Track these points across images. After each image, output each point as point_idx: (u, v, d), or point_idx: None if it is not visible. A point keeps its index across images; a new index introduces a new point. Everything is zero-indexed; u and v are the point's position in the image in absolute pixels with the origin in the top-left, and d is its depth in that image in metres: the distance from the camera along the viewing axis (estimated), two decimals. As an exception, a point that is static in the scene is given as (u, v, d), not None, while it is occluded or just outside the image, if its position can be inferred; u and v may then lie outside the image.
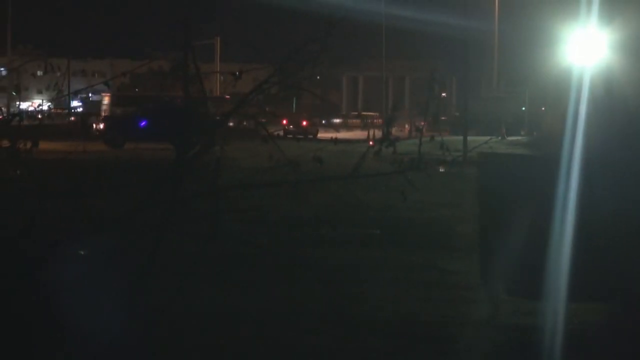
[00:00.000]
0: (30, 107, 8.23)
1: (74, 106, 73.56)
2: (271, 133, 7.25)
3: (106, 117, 52.02)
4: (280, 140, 7.31)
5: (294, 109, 77.74)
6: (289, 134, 56.34)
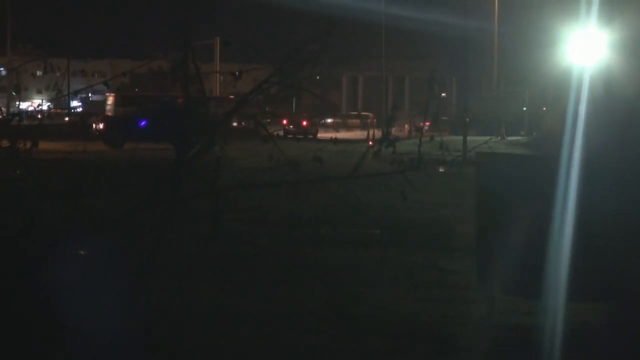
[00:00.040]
0: (30, 107, 8.23)
1: (74, 106, 73.55)
2: (271, 133, 7.25)
3: (106, 117, 52.01)
4: (280, 140, 7.31)
5: (294, 109, 77.73)
6: (289, 134, 56.38)
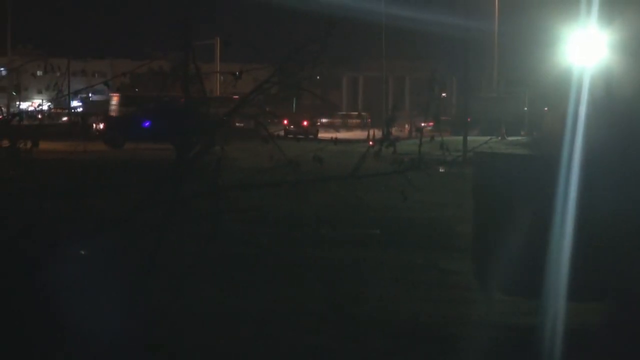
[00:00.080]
0: (30, 107, 8.23)
1: (74, 106, 73.57)
2: (271, 133, 7.25)
3: (106, 117, 52.00)
4: (281, 141, 7.31)
5: (294, 109, 77.72)
6: (290, 134, 56.38)
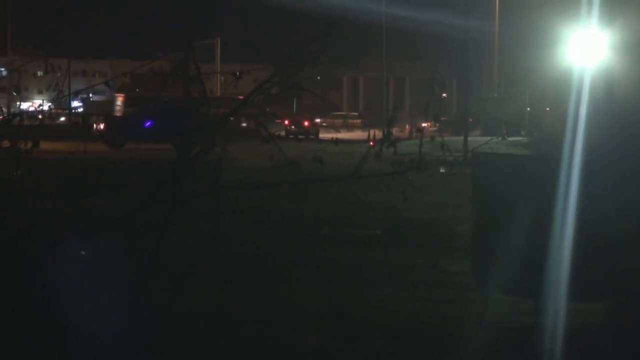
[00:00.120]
0: (30, 107, 8.23)
1: (75, 106, 73.59)
2: (272, 133, 7.25)
3: (107, 117, 52.03)
4: (281, 141, 7.31)
5: (294, 109, 77.74)
6: (291, 134, 56.41)
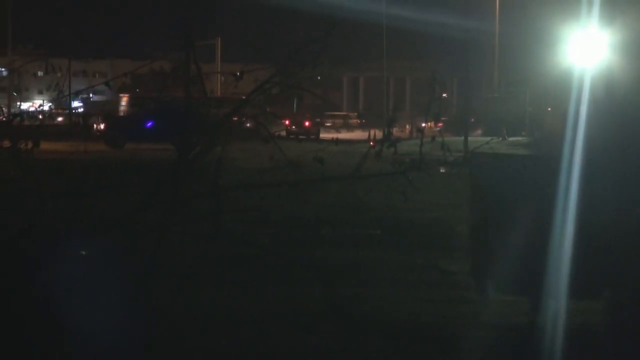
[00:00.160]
0: (31, 108, 8.24)
1: (75, 106, 73.59)
2: (272, 133, 7.25)
3: (107, 117, 51.98)
4: (282, 141, 7.30)
5: (295, 109, 77.70)
6: (292, 134, 56.35)
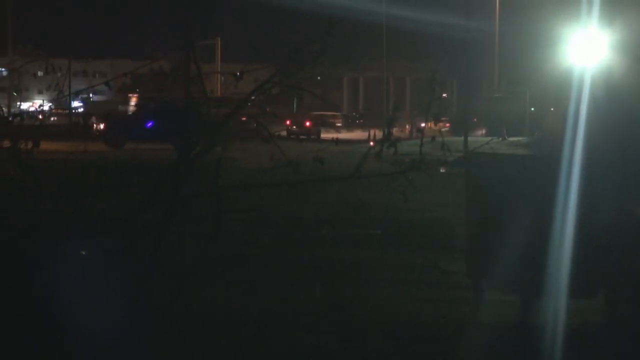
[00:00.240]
0: (31, 108, 8.23)
1: (75, 106, 73.58)
2: (273, 133, 7.24)
3: (107, 117, 51.94)
4: (282, 141, 7.30)
5: (295, 109, 77.69)
6: (292, 134, 56.29)
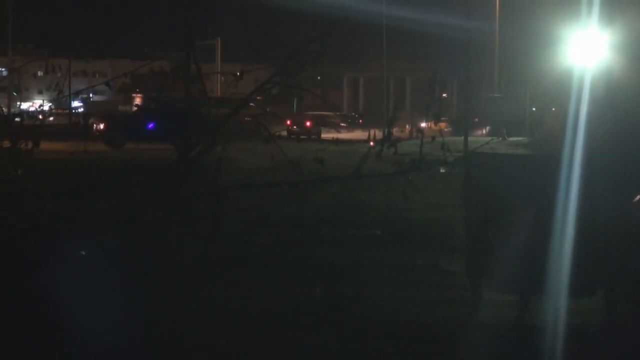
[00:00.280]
0: (31, 108, 8.24)
1: (75, 106, 73.59)
2: (273, 133, 7.24)
3: (107, 117, 51.90)
4: (282, 141, 7.30)
5: (295, 109, 77.72)
6: (293, 134, 56.30)
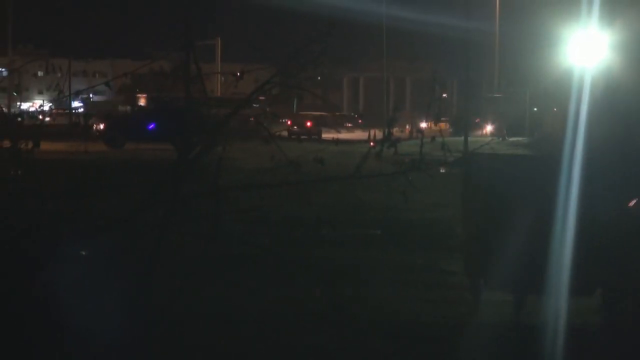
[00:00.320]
0: (31, 108, 8.24)
1: (75, 106, 73.59)
2: (273, 133, 7.24)
3: (106, 117, 51.88)
4: (283, 141, 7.30)
5: (295, 109, 77.73)
6: (293, 134, 56.30)
